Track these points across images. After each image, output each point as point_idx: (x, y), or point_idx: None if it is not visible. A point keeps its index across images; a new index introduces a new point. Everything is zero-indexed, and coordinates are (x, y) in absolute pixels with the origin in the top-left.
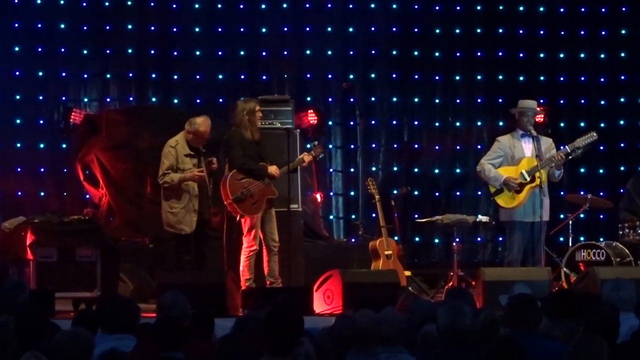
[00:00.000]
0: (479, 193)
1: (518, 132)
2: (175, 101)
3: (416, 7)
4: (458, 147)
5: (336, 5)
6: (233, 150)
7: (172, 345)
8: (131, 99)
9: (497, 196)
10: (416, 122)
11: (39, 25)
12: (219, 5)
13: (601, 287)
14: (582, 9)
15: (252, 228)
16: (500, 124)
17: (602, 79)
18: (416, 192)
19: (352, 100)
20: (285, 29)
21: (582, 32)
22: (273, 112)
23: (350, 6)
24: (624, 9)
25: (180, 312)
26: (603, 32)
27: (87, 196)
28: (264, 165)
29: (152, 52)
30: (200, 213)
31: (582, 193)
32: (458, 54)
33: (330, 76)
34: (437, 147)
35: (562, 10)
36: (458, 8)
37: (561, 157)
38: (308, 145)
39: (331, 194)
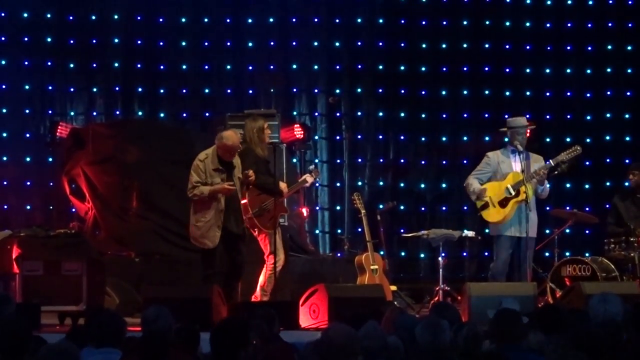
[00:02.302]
0: (465, 208)
1: (508, 148)
2: (162, 115)
3: (402, 22)
4: (444, 162)
5: (322, 19)
6: (248, 167)
7: (157, 359)
8: (117, 112)
9: (483, 211)
10: (402, 137)
11: (26, 39)
12: (206, 20)
13: (587, 302)
14: (569, 24)
15: (273, 246)
16: (487, 138)
17: (588, 94)
18: (402, 207)
19: (338, 114)
20: (272, 43)
21: (568, 48)
22: None
23: (337, 21)
24: (610, 24)
25: (164, 325)
26: (589, 48)
27: (73, 210)
28: (274, 181)
29: (139, 65)
30: (225, 227)
31: (567, 208)
32: (444, 69)
33: (316, 90)
34: (423, 162)
35: (548, 25)
36: (444, 23)
37: (543, 172)
38: (310, 168)
39: (317, 208)
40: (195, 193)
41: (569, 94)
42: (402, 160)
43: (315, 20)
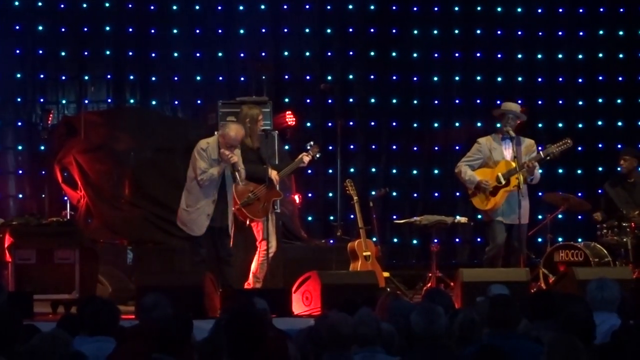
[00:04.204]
0: (457, 194)
1: (498, 134)
2: (153, 103)
3: (394, 8)
4: (436, 148)
5: (314, 6)
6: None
7: (159, 346)
8: (109, 100)
9: (473, 198)
10: (394, 123)
11: (17, 27)
12: (197, 7)
13: (583, 287)
14: (560, 10)
15: (266, 232)
16: (479, 124)
17: (580, 80)
18: (394, 193)
19: (330, 101)
20: (263, 30)
21: (560, 33)
22: None
23: (328, 7)
24: (601, 9)
25: (162, 314)
26: (581, 33)
27: (66, 198)
28: (265, 168)
29: (130, 53)
30: (214, 219)
31: (560, 193)
32: (436, 55)
33: (308, 77)
34: (415, 148)
35: (540, 11)
36: (436, 9)
37: (532, 164)
38: (308, 146)
39: (310, 195)
40: (203, 178)
41: (560, 79)
42: (394, 147)
43: (307, 7)
